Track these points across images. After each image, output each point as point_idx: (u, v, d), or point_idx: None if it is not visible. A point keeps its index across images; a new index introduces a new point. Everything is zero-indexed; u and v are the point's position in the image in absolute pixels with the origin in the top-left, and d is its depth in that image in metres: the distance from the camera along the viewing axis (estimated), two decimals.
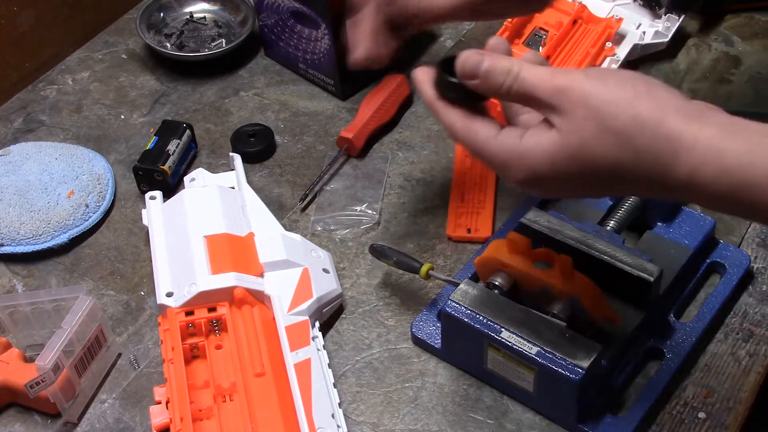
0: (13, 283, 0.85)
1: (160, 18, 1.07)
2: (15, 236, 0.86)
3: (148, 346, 0.80)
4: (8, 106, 1.01)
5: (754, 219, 0.59)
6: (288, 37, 0.99)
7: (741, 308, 0.79)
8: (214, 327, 0.77)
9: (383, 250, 0.79)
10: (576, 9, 1.00)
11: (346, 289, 0.83)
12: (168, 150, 0.90)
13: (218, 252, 0.79)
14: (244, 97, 1.01)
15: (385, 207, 0.89)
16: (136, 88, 1.03)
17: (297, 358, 0.74)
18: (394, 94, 0.96)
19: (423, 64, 0.73)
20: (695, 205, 0.87)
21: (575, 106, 0.57)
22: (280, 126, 0.97)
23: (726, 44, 1.02)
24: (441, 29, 1.07)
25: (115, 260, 0.87)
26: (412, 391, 0.76)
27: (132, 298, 0.84)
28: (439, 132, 0.96)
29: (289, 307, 0.77)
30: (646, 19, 1.01)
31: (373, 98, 0.95)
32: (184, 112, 1.00)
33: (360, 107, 0.95)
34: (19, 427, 0.75)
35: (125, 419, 0.75)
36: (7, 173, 0.90)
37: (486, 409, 0.74)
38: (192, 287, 0.76)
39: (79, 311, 0.74)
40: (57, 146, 0.94)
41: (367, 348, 0.79)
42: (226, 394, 0.73)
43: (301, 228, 0.88)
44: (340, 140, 0.93)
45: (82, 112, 1.00)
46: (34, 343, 0.79)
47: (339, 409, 0.72)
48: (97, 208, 0.89)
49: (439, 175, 0.92)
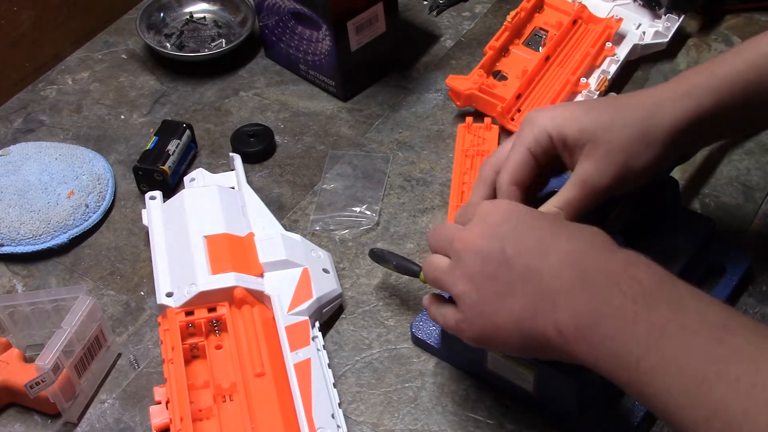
0: (13, 283, 0.85)
1: (160, 18, 1.07)
2: (15, 236, 0.86)
3: (148, 346, 0.80)
4: (8, 106, 1.01)
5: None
6: (288, 38, 0.99)
7: (741, 308, 0.79)
8: (214, 327, 0.77)
9: (383, 255, 0.79)
10: (576, 9, 1.00)
11: (346, 289, 0.83)
12: (168, 150, 0.90)
13: (218, 252, 0.79)
14: (244, 97, 1.01)
15: (385, 207, 0.89)
16: (136, 88, 1.03)
17: (297, 358, 0.74)
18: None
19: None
20: (695, 205, 0.87)
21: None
22: (280, 126, 0.97)
23: (726, 44, 1.02)
24: (441, 29, 1.07)
25: (115, 260, 0.87)
26: (412, 391, 0.76)
27: (132, 298, 0.84)
28: (439, 132, 0.96)
29: (289, 307, 0.77)
30: (646, 19, 1.01)
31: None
32: (184, 112, 1.00)
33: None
34: (19, 427, 0.75)
35: (125, 419, 0.75)
36: (7, 173, 0.90)
37: (486, 409, 0.74)
38: (192, 287, 0.76)
39: (79, 311, 0.74)
40: (57, 146, 0.94)
41: (367, 348, 0.79)
42: (226, 394, 0.73)
43: (301, 228, 0.88)
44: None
45: (82, 112, 1.00)
46: (34, 343, 0.79)
47: (339, 409, 0.72)
48: (97, 208, 0.89)
49: (439, 175, 0.92)
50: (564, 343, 0.59)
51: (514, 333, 0.61)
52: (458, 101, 0.96)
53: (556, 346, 0.59)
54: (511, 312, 0.61)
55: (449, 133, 0.95)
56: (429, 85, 1.01)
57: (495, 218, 0.64)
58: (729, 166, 0.91)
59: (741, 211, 0.87)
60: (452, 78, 0.96)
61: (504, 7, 1.09)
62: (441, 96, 0.99)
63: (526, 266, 0.60)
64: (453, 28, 1.07)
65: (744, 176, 0.90)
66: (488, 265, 0.62)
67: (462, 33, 1.07)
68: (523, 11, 1.00)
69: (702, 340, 0.53)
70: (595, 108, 0.72)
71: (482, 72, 0.96)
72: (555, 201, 0.71)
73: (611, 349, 0.56)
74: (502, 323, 0.62)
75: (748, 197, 0.88)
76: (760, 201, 0.87)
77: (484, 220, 0.64)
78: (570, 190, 0.71)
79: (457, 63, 1.03)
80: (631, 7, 1.02)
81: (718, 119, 0.70)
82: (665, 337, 0.54)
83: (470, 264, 0.63)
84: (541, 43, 1.00)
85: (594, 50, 0.97)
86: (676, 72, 0.99)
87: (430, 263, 0.68)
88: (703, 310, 0.55)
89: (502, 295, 0.61)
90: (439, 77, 1.01)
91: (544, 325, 0.59)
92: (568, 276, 0.59)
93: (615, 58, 0.98)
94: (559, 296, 0.59)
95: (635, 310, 0.55)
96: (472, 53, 1.04)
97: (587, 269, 0.59)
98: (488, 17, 1.09)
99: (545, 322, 0.59)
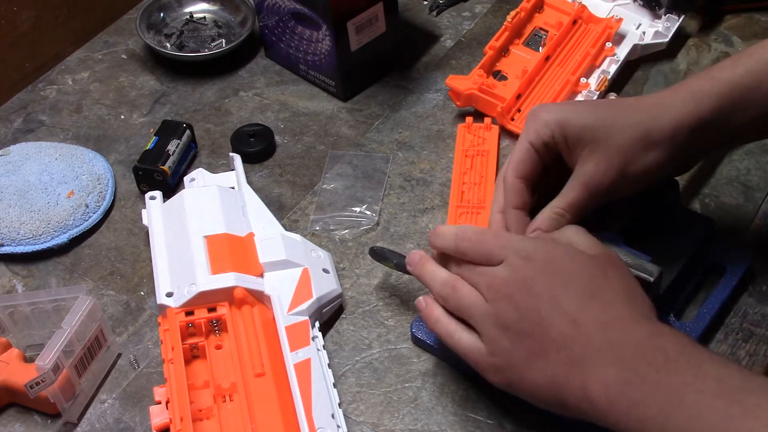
0: (13, 283, 0.85)
1: (160, 18, 1.07)
2: (15, 236, 0.86)
3: (148, 346, 0.80)
4: (8, 106, 1.01)
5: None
6: (288, 38, 0.99)
7: (741, 308, 0.79)
8: (214, 327, 0.77)
9: (383, 253, 0.79)
10: (576, 9, 1.00)
11: (346, 289, 0.83)
12: (168, 150, 0.90)
13: (218, 252, 0.79)
14: (244, 97, 1.01)
15: (385, 207, 0.89)
16: (136, 88, 1.03)
17: (297, 358, 0.74)
18: None
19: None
20: (695, 205, 0.87)
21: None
22: (280, 126, 0.97)
23: (726, 44, 1.02)
24: (441, 29, 1.07)
25: (115, 260, 0.87)
26: (412, 391, 0.76)
27: (132, 298, 0.84)
28: (439, 132, 0.96)
29: (289, 307, 0.77)
30: (646, 19, 1.01)
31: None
32: (184, 112, 1.00)
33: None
34: (19, 427, 0.75)
35: (125, 419, 0.75)
36: (7, 173, 0.90)
37: (486, 409, 0.74)
38: (192, 287, 0.76)
39: (79, 311, 0.74)
40: (57, 146, 0.94)
41: (367, 348, 0.79)
42: (226, 394, 0.73)
43: (301, 228, 0.88)
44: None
45: (82, 112, 1.00)
46: (34, 343, 0.79)
47: (339, 409, 0.72)
48: (97, 208, 0.89)
49: (439, 175, 0.92)
50: (593, 408, 0.61)
51: (544, 391, 0.64)
52: (458, 101, 0.96)
53: (587, 410, 0.61)
54: (544, 373, 0.63)
55: (449, 133, 0.95)
56: (429, 85, 1.01)
57: (531, 272, 0.65)
58: (729, 166, 0.91)
59: (741, 211, 0.87)
60: (452, 78, 0.96)
61: (504, 7, 1.09)
62: (441, 96, 0.99)
63: (561, 334, 0.62)
64: (453, 28, 1.07)
65: (744, 176, 0.90)
66: (525, 322, 0.64)
67: (462, 33, 1.07)
68: (523, 11, 1.00)
69: (720, 402, 0.56)
70: (598, 108, 0.72)
71: (482, 72, 0.96)
72: (558, 203, 0.71)
73: (638, 415, 0.58)
74: (533, 380, 0.64)
75: (748, 197, 0.88)
76: (760, 201, 0.87)
77: (520, 270, 0.65)
78: (572, 192, 0.71)
79: (457, 63, 1.03)
80: (631, 7, 1.02)
81: (719, 125, 0.70)
82: (686, 400, 0.57)
83: (507, 315, 0.64)
84: (541, 43, 1.00)
85: (594, 50, 0.97)
86: (676, 72, 1.00)
87: (454, 288, 0.68)
88: (722, 373, 0.58)
89: (536, 354, 0.63)
90: (439, 77, 1.01)
91: (574, 391, 0.61)
92: (599, 346, 0.61)
93: (615, 58, 0.98)
94: (590, 365, 0.61)
95: (658, 378, 0.58)
96: (472, 53, 1.04)
97: (617, 342, 0.61)
98: (488, 17, 1.09)
99: (576, 388, 0.61)
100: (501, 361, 0.65)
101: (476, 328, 0.67)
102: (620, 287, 0.65)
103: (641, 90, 0.99)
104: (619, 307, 0.63)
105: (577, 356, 0.62)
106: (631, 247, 0.75)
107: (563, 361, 0.62)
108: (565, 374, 0.62)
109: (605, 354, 0.61)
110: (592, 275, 0.65)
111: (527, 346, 0.64)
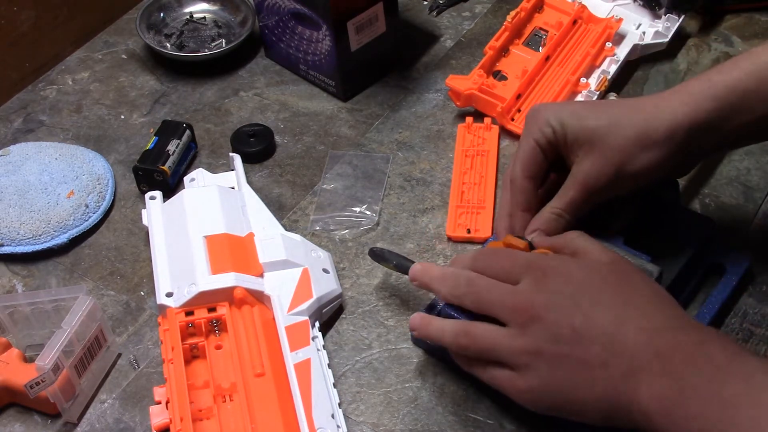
0: (13, 283, 0.85)
1: (160, 18, 1.07)
2: (15, 236, 0.86)
3: (148, 346, 0.80)
4: (8, 106, 1.01)
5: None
6: (288, 38, 0.99)
7: (741, 308, 0.79)
8: (214, 327, 0.77)
9: (382, 254, 0.79)
10: (576, 9, 1.00)
11: (346, 290, 0.83)
12: (168, 150, 0.90)
13: (218, 252, 0.79)
14: (244, 97, 1.01)
15: (385, 207, 0.89)
16: (136, 88, 1.03)
17: (297, 358, 0.74)
18: None
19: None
20: (695, 205, 0.87)
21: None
22: (280, 126, 0.97)
23: (726, 44, 1.02)
24: (441, 29, 1.07)
25: (115, 260, 0.87)
26: (412, 391, 0.76)
27: (132, 298, 0.84)
28: (439, 132, 0.96)
29: (289, 307, 0.77)
30: (646, 19, 1.01)
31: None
32: (184, 112, 1.00)
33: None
34: (19, 427, 0.75)
35: (125, 419, 0.75)
36: (7, 173, 0.90)
37: (486, 409, 0.74)
38: (192, 287, 0.76)
39: (79, 311, 0.74)
40: (57, 146, 0.94)
41: (367, 348, 0.79)
42: (226, 394, 0.73)
43: (301, 228, 0.88)
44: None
45: (82, 112, 1.00)
46: (34, 343, 0.79)
47: (339, 409, 0.72)
48: (97, 208, 0.89)
49: (439, 175, 0.92)
50: (647, 420, 0.60)
51: (593, 410, 0.62)
52: (458, 101, 0.96)
53: (641, 422, 0.60)
54: (592, 390, 0.61)
55: (449, 133, 0.95)
56: (429, 85, 1.01)
57: (556, 286, 0.64)
58: (729, 166, 0.91)
59: (741, 211, 0.87)
60: (452, 78, 0.96)
61: (504, 7, 1.09)
62: (441, 96, 0.99)
63: (603, 349, 0.61)
64: (453, 28, 1.07)
65: (744, 176, 0.90)
66: (560, 344, 0.62)
67: (462, 33, 1.07)
68: (523, 11, 1.00)
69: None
70: (597, 108, 0.72)
71: (482, 72, 0.96)
72: (556, 203, 0.71)
73: (693, 427, 0.57)
74: (581, 400, 0.62)
75: (748, 197, 0.88)
76: (760, 201, 0.87)
77: (545, 287, 0.64)
78: (569, 191, 0.71)
79: (457, 63, 1.03)
80: (631, 7, 1.02)
81: (716, 127, 0.70)
82: (740, 411, 0.56)
83: (538, 338, 0.63)
84: (541, 43, 1.00)
85: (594, 50, 0.97)
86: (676, 72, 1.00)
87: (467, 334, 0.67)
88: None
89: (579, 373, 0.62)
90: (439, 77, 1.01)
91: (627, 404, 0.60)
92: (646, 356, 0.60)
93: (615, 58, 0.98)
94: (638, 377, 0.60)
95: (711, 389, 0.57)
96: (472, 53, 1.04)
97: (664, 351, 0.60)
98: (488, 17, 1.09)
99: (628, 401, 0.60)
100: (541, 387, 0.63)
101: (507, 362, 0.65)
102: (648, 292, 0.64)
103: (641, 90, 0.99)
104: (655, 313, 0.62)
105: (625, 370, 0.60)
106: (631, 247, 0.75)
107: (611, 376, 0.61)
108: (614, 389, 0.60)
109: (653, 364, 0.60)
110: (617, 283, 0.64)
111: (567, 367, 0.62)
